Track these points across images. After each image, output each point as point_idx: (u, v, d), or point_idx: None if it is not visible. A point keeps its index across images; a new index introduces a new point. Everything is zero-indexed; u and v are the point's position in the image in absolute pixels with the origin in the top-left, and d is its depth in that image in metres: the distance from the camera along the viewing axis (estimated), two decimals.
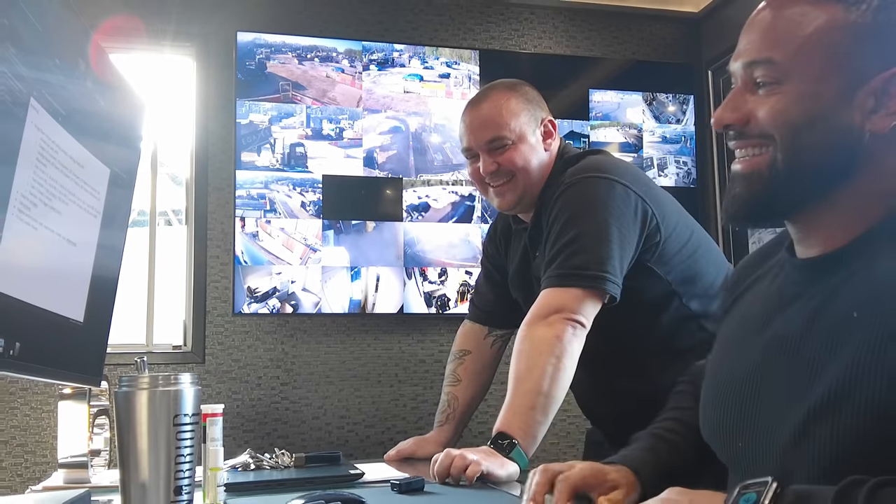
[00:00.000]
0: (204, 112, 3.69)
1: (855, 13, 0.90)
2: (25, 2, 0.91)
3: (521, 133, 1.83)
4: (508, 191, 1.84)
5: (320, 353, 3.70)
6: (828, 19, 0.91)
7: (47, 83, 0.98)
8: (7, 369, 0.91)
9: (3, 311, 0.90)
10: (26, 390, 3.38)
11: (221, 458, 1.34)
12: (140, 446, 1.00)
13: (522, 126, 1.84)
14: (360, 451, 3.57)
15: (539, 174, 1.85)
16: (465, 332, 2.15)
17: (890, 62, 0.89)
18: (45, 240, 1.00)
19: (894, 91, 0.89)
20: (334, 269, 3.60)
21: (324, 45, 3.71)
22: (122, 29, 3.53)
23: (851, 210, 0.93)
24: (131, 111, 1.32)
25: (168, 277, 3.68)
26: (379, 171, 3.71)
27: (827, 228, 0.95)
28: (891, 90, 0.89)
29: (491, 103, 1.86)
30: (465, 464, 1.45)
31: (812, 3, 0.93)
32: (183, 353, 3.61)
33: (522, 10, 4.07)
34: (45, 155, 0.98)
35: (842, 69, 0.91)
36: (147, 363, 1.06)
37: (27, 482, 3.27)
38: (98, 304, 1.19)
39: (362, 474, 1.54)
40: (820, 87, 0.91)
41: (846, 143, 0.91)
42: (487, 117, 1.85)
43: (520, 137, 1.83)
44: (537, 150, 1.85)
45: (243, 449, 1.72)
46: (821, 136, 0.92)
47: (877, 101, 0.90)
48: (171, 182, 3.94)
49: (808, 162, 0.92)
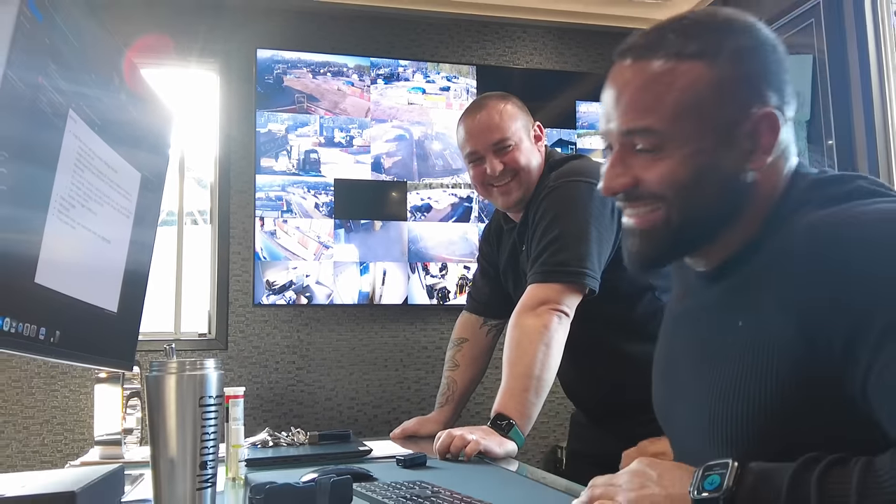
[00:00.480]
0: (226, 122, 3.69)
1: (716, 66, 0.89)
2: (65, 22, 0.90)
3: (519, 136, 1.84)
4: (514, 189, 1.84)
5: (332, 341, 3.70)
6: (693, 78, 0.89)
7: (85, 96, 0.98)
8: (48, 355, 0.91)
9: (45, 302, 0.90)
10: (65, 374, 3.38)
11: (242, 435, 1.35)
12: (169, 425, 1.00)
13: (520, 129, 1.85)
14: (369, 430, 3.57)
15: (536, 173, 1.86)
16: (463, 322, 2.15)
17: (754, 104, 0.89)
18: (82, 238, 1.00)
19: (763, 129, 0.89)
20: (345, 264, 3.59)
21: (335, 61, 3.70)
22: (152, 47, 3.53)
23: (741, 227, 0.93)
24: (161, 121, 1.32)
25: (194, 272, 3.68)
26: (385, 176, 3.71)
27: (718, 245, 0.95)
28: (761, 129, 0.89)
29: (490, 110, 1.86)
30: (464, 442, 1.45)
31: (674, 61, 0.89)
32: (208, 341, 3.61)
33: (515, 28, 4.06)
34: (82, 161, 0.98)
35: (717, 122, 0.89)
36: (175, 350, 1.06)
37: (66, 457, 3.27)
38: (130, 296, 1.19)
39: (370, 451, 1.55)
40: (701, 144, 0.89)
41: (734, 186, 0.91)
42: (490, 122, 1.84)
43: (519, 139, 1.84)
44: (533, 151, 1.86)
45: (262, 428, 1.72)
46: (711, 186, 0.91)
47: (752, 141, 0.89)
48: (197, 185, 3.93)
49: (701, 213, 0.92)
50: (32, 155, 0.85)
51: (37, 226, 0.88)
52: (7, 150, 0.78)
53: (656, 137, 0.89)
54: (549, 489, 1.16)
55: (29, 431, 3.34)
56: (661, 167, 0.90)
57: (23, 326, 0.84)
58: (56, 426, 3.37)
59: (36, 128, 0.85)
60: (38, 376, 3.37)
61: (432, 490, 1.05)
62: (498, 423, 1.53)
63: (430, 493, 1.03)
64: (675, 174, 0.90)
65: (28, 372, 3.37)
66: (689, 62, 0.89)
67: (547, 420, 3.71)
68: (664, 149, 0.90)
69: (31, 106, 0.84)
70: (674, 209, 0.91)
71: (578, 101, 3.94)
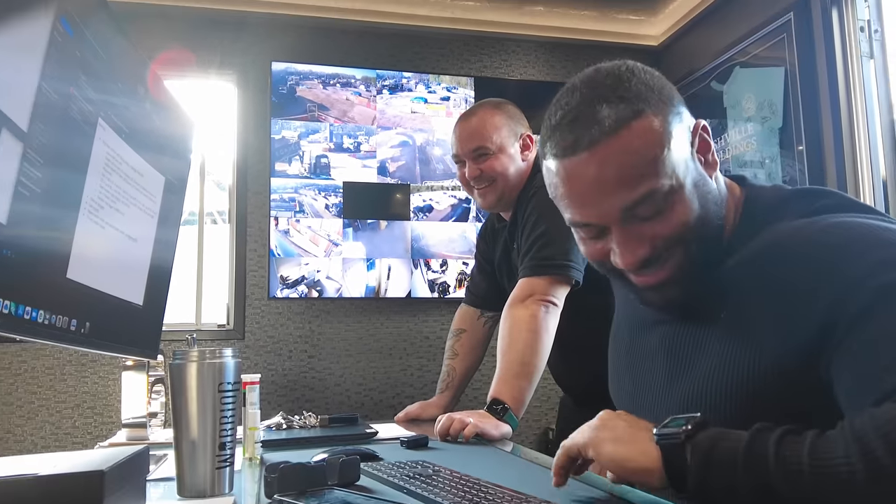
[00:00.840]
0: (243, 129, 3.69)
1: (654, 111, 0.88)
2: (94, 37, 0.90)
3: (501, 145, 1.83)
4: (489, 192, 1.85)
5: (341, 331, 3.70)
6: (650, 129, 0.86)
7: (113, 105, 0.98)
8: (79, 345, 0.92)
9: (76, 296, 0.90)
10: (95, 362, 3.38)
11: (258, 419, 1.35)
12: (190, 410, 1.00)
13: (503, 139, 1.84)
14: (375, 413, 3.57)
15: (516, 180, 1.85)
16: (462, 314, 2.15)
17: (690, 123, 0.92)
18: (110, 236, 1.00)
19: (701, 138, 0.92)
20: (353, 260, 3.59)
21: (344, 73, 3.70)
22: (175, 59, 3.53)
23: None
24: (183, 128, 1.32)
25: (214, 267, 3.68)
26: (390, 179, 3.70)
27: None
28: (704, 138, 0.92)
29: (478, 118, 1.86)
30: (462, 425, 1.46)
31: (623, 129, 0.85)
32: (226, 331, 3.61)
33: (510, 43, 4.06)
34: (110, 165, 0.98)
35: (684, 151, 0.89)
36: (196, 340, 1.06)
37: (96, 439, 3.28)
38: (155, 290, 1.19)
39: (376, 433, 1.55)
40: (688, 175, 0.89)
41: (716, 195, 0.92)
42: (473, 130, 1.85)
43: (500, 148, 1.83)
44: (515, 159, 1.85)
45: (277, 411, 1.73)
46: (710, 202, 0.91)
47: (701, 153, 0.92)
48: (216, 188, 3.93)
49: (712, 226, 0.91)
50: (65, 160, 0.85)
51: (69, 225, 0.88)
52: (42, 155, 0.78)
53: (658, 196, 0.86)
54: (542, 468, 1.16)
55: (61, 415, 3.34)
56: (673, 217, 0.88)
57: (56, 318, 0.84)
58: (86, 410, 3.37)
59: (68, 135, 0.85)
60: (70, 364, 3.38)
61: (433, 469, 1.05)
62: (494, 408, 1.54)
63: (432, 472, 1.03)
64: (689, 213, 0.88)
65: (60, 360, 3.37)
66: (639, 120, 0.86)
67: (539, 405, 3.71)
68: (668, 199, 0.87)
69: (63, 115, 0.84)
70: (692, 244, 0.89)
71: None
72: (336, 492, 0.90)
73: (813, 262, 0.81)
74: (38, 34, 0.78)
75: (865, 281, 0.76)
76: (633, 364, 1.08)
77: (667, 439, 0.76)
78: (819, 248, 0.81)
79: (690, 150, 0.90)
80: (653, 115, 0.87)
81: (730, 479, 0.72)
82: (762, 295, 0.85)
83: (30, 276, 0.79)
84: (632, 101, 0.86)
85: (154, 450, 1.32)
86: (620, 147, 0.85)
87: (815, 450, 0.68)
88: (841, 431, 0.69)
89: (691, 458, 0.74)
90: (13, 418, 3.30)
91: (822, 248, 0.81)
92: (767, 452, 0.70)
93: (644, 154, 0.85)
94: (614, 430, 0.83)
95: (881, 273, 0.76)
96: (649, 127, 0.86)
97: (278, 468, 0.90)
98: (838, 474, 0.66)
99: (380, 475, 1.03)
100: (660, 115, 0.87)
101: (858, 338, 0.75)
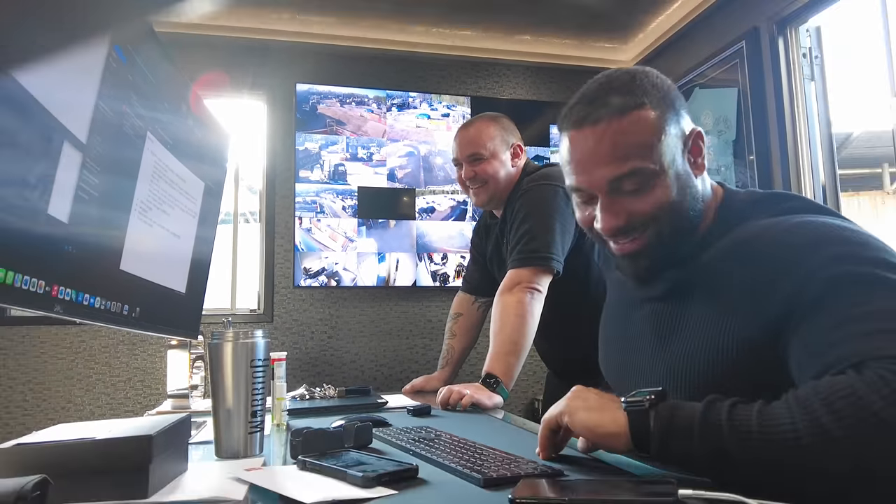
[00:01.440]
0: (272, 141, 3.68)
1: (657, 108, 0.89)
2: (144, 63, 0.90)
3: (493, 151, 1.84)
4: (482, 192, 1.86)
5: (356, 315, 3.70)
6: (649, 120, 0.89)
7: (159, 121, 0.98)
8: (130, 327, 0.92)
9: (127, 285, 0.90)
10: (144, 342, 3.39)
11: (285, 390, 1.35)
12: (226, 382, 1.00)
13: (496, 147, 1.84)
14: (385, 386, 3.57)
15: (506, 182, 1.86)
16: (459, 300, 2.15)
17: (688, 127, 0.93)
18: (157, 234, 1.00)
19: (699, 143, 0.93)
20: (366, 254, 3.59)
21: (359, 93, 3.69)
22: (213, 81, 3.53)
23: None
24: (220, 140, 1.32)
25: (246, 260, 3.68)
26: (398, 184, 3.70)
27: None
28: (698, 143, 0.93)
29: (475, 128, 1.87)
30: (460, 396, 1.46)
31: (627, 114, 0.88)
32: (257, 315, 3.61)
33: (501, 67, 4.05)
34: (157, 172, 0.98)
35: (676, 145, 0.91)
36: (231, 322, 1.06)
37: (145, 408, 3.28)
38: (195, 280, 1.19)
39: (386, 402, 1.55)
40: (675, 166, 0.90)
41: (697, 191, 0.93)
42: (471, 138, 1.86)
43: (493, 155, 1.84)
44: (506, 165, 1.86)
45: (300, 384, 1.73)
46: (688, 195, 0.91)
47: (692, 155, 0.93)
48: (249, 191, 3.92)
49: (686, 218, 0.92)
50: (118, 168, 0.85)
51: (121, 224, 0.88)
52: (99, 164, 0.78)
53: (642, 175, 0.88)
54: (529, 433, 1.16)
55: (115, 387, 3.35)
56: (651, 197, 0.89)
57: (110, 304, 0.84)
58: (136, 383, 3.38)
59: (121, 146, 0.85)
60: (122, 343, 3.38)
61: (436, 434, 1.06)
62: (487, 381, 1.54)
63: (434, 437, 1.03)
64: (666, 196, 0.89)
65: (114, 340, 3.38)
66: (639, 111, 0.89)
67: (526, 378, 3.71)
68: (650, 181, 0.88)
69: (117, 129, 0.84)
70: (664, 225, 0.90)
71: (551, 125, 3.93)
72: (352, 453, 0.90)
73: (777, 259, 0.81)
74: (95, 60, 0.78)
75: (818, 273, 0.76)
76: (621, 339, 1.08)
77: (633, 406, 0.76)
78: (782, 247, 0.82)
79: (683, 148, 0.91)
80: (652, 109, 0.89)
81: (687, 446, 0.71)
82: (733, 283, 0.85)
83: (88, 268, 0.79)
84: (637, 94, 0.89)
85: (195, 417, 1.33)
86: (619, 128, 0.88)
87: (762, 416, 0.68)
88: (786, 400, 0.69)
89: (654, 424, 0.73)
90: (74, 390, 3.30)
91: (785, 247, 0.81)
92: (721, 420, 0.70)
93: (637, 138, 0.88)
94: (586, 400, 0.83)
95: (833, 266, 0.76)
96: (647, 117, 0.88)
97: (302, 433, 0.90)
98: (785, 438, 0.65)
99: (389, 439, 1.04)
100: (658, 111, 0.89)
101: (811, 322, 0.75)
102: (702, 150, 0.94)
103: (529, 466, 0.79)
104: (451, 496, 0.72)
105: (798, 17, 2.93)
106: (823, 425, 0.64)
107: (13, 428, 3.21)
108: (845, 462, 0.62)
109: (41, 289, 0.68)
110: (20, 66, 0.23)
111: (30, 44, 0.20)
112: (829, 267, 0.76)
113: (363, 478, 0.75)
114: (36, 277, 0.67)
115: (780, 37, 2.98)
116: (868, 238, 0.79)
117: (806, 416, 0.65)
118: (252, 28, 3.56)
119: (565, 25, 3.73)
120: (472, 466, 0.81)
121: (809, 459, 0.64)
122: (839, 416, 0.63)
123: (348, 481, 0.77)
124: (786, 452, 0.65)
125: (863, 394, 0.63)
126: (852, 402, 0.63)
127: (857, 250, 0.77)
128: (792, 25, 2.96)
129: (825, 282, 0.75)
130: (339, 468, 0.80)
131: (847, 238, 0.79)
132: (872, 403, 0.62)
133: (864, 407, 0.62)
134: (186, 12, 3.36)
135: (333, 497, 0.70)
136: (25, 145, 0.65)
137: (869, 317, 0.70)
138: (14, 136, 0.63)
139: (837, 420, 0.63)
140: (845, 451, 0.62)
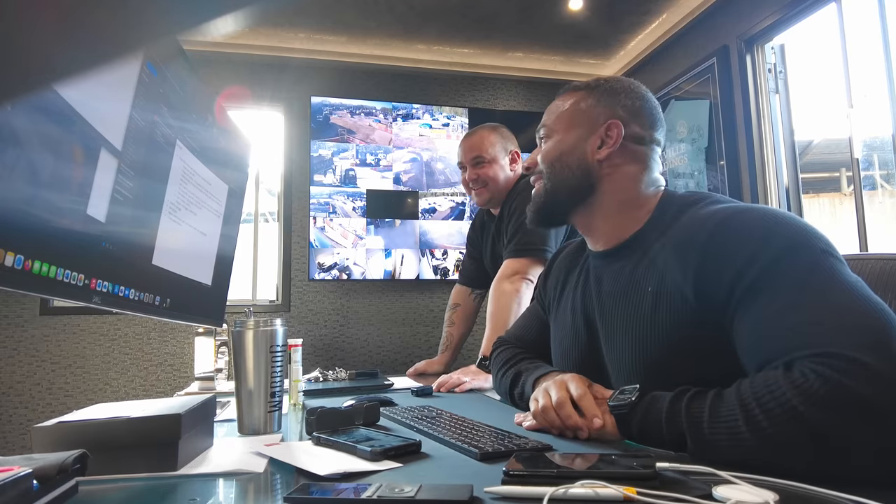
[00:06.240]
0: (289, 148, 3.68)
1: (590, 95, 1.01)
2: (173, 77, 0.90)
3: (493, 156, 1.85)
4: (483, 192, 1.87)
5: (365, 306, 3.70)
6: (575, 98, 1.02)
7: (188, 130, 0.98)
8: (161, 316, 0.92)
9: (159, 278, 0.90)
10: (174, 329, 3.39)
11: (301, 373, 1.35)
12: (248, 366, 1.00)
13: (496, 152, 1.86)
14: (391, 369, 3.58)
15: (504, 184, 1.86)
16: (457, 292, 2.16)
17: (607, 118, 0.98)
18: (185, 232, 1.00)
19: (612, 133, 0.97)
20: (374, 250, 3.59)
21: (367, 104, 3.69)
22: (236, 95, 3.52)
23: (617, 217, 0.98)
24: (242, 148, 1.32)
25: (266, 256, 3.68)
26: (403, 187, 3.70)
27: (602, 229, 1.00)
28: (611, 133, 0.97)
29: (477, 136, 1.88)
30: (459, 382, 1.46)
31: (571, 92, 1.04)
32: (276, 305, 3.61)
33: (496, 81, 4.04)
34: (185, 176, 0.98)
35: (580, 123, 1.00)
36: (252, 311, 1.06)
37: (175, 389, 3.29)
38: (220, 274, 1.19)
39: (392, 384, 1.55)
40: (566, 134, 1.00)
41: (582, 167, 0.99)
42: (473, 144, 1.86)
43: (493, 159, 1.84)
44: (504, 169, 1.86)
45: (315, 367, 1.73)
46: (568, 162, 1.00)
47: (602, 141, 0.98)
48: (268, 194, 3.92)
49: (562, 181, 1.00)
50: (150, 172, 0.85)
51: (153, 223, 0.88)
52: (133, 168, 0.78)
53: (546, 130, 1.03)
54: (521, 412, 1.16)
55: (148, 371, 3.35)
56: (546, 151, 1.02)
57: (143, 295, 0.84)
58: (167, 367, 3.38)
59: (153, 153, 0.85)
60: (154, 331, 3.38)
61: (437, 412, 1.06)
62: (483, 363, 1.54)
63: (435, 415, 1.03)
64: (550, 152, 1.01)
65: (147, 328, 3.38)
66: (578, 92, 1.02)
67: None
68: (548, 138, 1.02)
69: (149, 137, 0.84)
70: (547, 178, 1.01)
71: None
72: (361, 430, 0.90)
73: (724, 239, 0.78)
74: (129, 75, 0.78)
75: (759, 260, 0.73)
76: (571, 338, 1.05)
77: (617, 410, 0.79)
78: (729, 229, 0.79)
79: (591, 132, 0.98)
80: (590, 98, 1.00)
81: (659, 434, 0.73)
82: (681, 267, 0.83)
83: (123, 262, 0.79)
84: (594, 87, 1.01)
85: (220, 397, 1.33)
86: (564, 100, 1.04)
87: (712, 410, 0.68)
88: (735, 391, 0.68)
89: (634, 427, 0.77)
90: (110, 373, 3.31)
91: (729, 232, 0.78)
92: (681, 413, 0.71)
93: (564, 109, 1.02)
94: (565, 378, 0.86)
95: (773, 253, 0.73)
96: (580, 101, 1.01)
97: (316, 411, 0.90)
98: (728, 436, 0.66)
99: (395, 417, 1.04)
100: (591, 100, 1.00)
101: (750, 309, 0.73)
102: (607, 141, 0.97)
103: (522, 442, 0.80)
104: (451, 468, 0.72)
105: (764, 36, 2.92)
106: (759, 422, 0.64)
107: (55, 407, 3.21)
108: (768, 455, 0.63)
109: (81, 282, 0.68)
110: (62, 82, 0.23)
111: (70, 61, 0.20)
112: (768, 253, 0.73)
113: (371, 452, 0.75)
114: (76, 271, 0.67)
115: (748, 54, 2.97)
116: (807, 227, 0.77)
117: (745, 415, 0.65)
118: (271, 46, 3.55)
119: (554, 44, 3.73)
120: (469, 442, 0.81)
121: (749, 449, 0.64)
122: (769, 414, 0.63)
123: (358, 455, 0.77)
124: (729, 448, 0.66)
125: (789, 393, 0.63)
126: (779, 401, 0.63)
127: (799, 239, 0.74)
128: (758, 44, 2.96)
129: (764, 270, 0.73)
130: (349, 443, 0.80)
131: (790, 227, 0.76)
132: (796, 403, 0.62)
133: (788, 405, 0.62)
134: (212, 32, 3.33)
135: (344, 469, 0.70)
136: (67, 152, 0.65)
137: (801, 309, 0.68)
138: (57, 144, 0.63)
139: (768, 418, 0.63)
140: (775, 445, 0.62)
